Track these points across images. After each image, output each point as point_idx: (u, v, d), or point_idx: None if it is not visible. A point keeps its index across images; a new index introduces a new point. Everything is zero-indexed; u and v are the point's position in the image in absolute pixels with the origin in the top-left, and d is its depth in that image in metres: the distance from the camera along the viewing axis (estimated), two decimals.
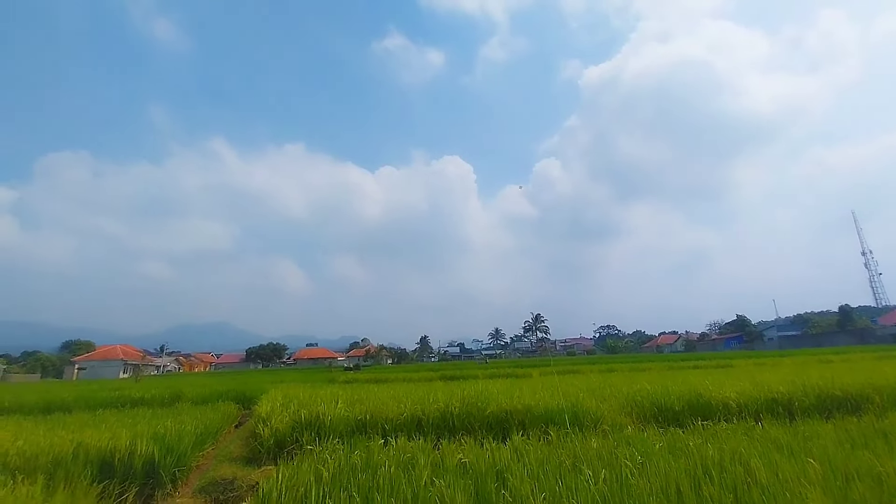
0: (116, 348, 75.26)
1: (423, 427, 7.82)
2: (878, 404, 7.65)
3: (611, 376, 16.99)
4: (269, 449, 7.49)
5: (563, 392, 9.66)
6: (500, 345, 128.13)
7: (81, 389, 20.65)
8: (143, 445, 7.14)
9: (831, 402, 7.96)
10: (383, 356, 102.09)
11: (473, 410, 8.09)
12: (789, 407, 7.94)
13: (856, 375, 9.69)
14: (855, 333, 67.07)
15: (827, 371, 12.01)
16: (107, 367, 67.06)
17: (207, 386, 18.75)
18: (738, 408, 7.91)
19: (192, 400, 14.34)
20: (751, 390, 8.61)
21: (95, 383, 30.78)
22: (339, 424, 7.71)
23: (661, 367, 24.69)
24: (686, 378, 12.92)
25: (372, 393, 11.22)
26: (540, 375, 20.29)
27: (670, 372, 19.23)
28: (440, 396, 9.14)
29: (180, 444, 7.54)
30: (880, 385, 8.29)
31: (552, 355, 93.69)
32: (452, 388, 11.25)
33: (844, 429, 6.17)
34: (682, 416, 7.86)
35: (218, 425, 10.14)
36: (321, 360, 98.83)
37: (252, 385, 18.14)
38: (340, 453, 5.81)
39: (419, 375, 24.85)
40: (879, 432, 5.82)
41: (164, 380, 34.78)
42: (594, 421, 7.48)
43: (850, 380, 8.81)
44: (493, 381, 15.77)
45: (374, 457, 5.58)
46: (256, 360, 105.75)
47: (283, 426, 7.68)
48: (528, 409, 7.92)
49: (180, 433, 7.86)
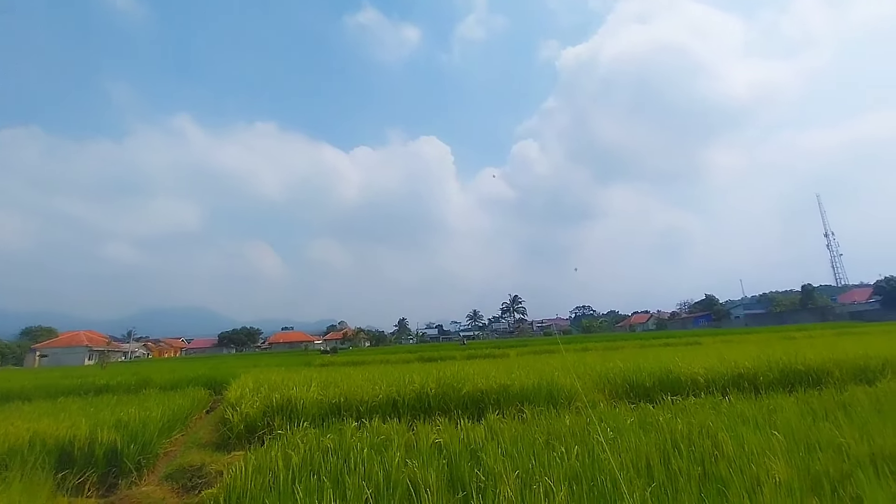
0: (80, 334, 72.67)
1: (398, 408, 7.77)
2: (837, 378, 7.97)
3: (585, 355, 17.32)
4: (238, 434, 7.30)
5: (538, 371, 9.75)
6: (479, 326, 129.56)
7: (42, 377, 19.85)
8: (104, 434, 6.90)
9: (794, 377, 8.25)
10: (361, 339, 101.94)
11: (449, 391, 8.07)
12: (754, 381, 8.19)
13: (817, 351, 10.09)
14: (816, 311, 70.48)
15: (790, 347, 12.49)
16: (70, 353, 64.67)
17: (177, 371, 18.28)
18: (707, 383, 8.12)
19: (160, 386, 13.95)
20: (718, 366, 8.86)
21: (58, 370, 29.69)
22: (312, 408, 7.57)
23: (634, 345, 25.40)
24: (657, 355, 13.25)
25: (348, 376, 11.08)
26: (517, 356, 20.54)
27: (642, 350, 19.76)
28: (416, 378, 9.08)
29: (145, 432, 7.30)
30: (840, 360, 8.64)
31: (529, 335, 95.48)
32: (429, 370, 11.22)
33: (806, 402, 6.41)
34: (653, 392, 8.03)
35: (187, 411, 9.87)
36: (297, 343, 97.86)
37: (224, 370, 17.76)
38: (312, 437, 5.69)
39: (397, 357, 24.87)
40: (840, 404, 6.05)
41: (132, 366, 33.82)
42: (568, 398, 7.56)
43: (812, 355, 9.16)
44: (470, 361, 15.85)
45: (346, 439, 5.49)
46: (230, 344, 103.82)
47: (253, 411, 7.48)
48: (504, 389, 7.94)
49: (145, 420, 7.60)
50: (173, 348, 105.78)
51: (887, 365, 8.27)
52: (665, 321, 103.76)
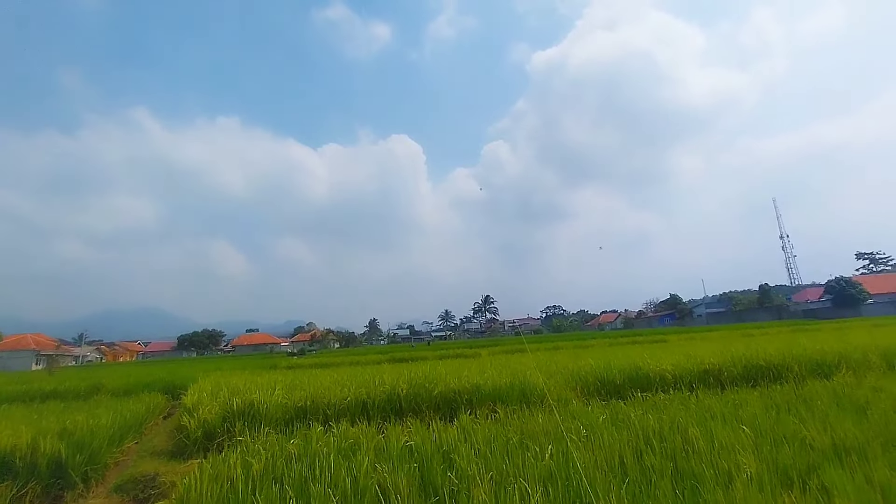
0: (27, 337, 68.22)
1: (368, 411, 7.53)
2: (796, 373, 8.25)
3: (557, 354, 17.47)
4: (196, 441, 6.88)
5: (511, 370, 9.70)
6: (450, 326, 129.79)
7: None
8: (46, 443, 6.40)
9: (756, 372, 8.49)
10: (330, 340, 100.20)
11: (421, 391, 7.90)
12: (719, 377, 8.39)
13: (776, 347, 10.45)
14: (773, 310, 73.89)
15: (751, 343, 12.94)
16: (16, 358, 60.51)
17: (132, 375, 17.36)
18: (674, 379, 8.26)
19: (112, 391, 13.22)
20: (685, 363, 9.04)
21: (1, 376, 27.73)
22: (275, 412, 7.24)
23: (604, 343, 25.88)
24: (626, 353, 13.47)
25: (315, 378, 10.73)
26: (489, 355, 20.53)
27: (611, 348, 20.11)
28: (387, 378, 8.87)
29: (93, 440, 6.83)
30: (798, 355, 8.96)
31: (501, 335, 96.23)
32: (400, 370, 11.02)
33: (769, 396, 6.59)
34: (623, 389, 8.10)
35: (142, 418, 9.32)
36: (262, 346, 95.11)
37: (183, 374, 17.00)
38: (275, 443, 5.39)
39: (367, 359, 24.46)
40: (801, 398, 6.22)
41: (83, 371, 31.94)
42: (541, 397, 7.51)
43: (772, 351, 9.47)
44: (442, 361, 15.71)
45: (312, 445, 5.21)
46: (190, 348, 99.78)
47: (212, 416, 7.08)
48: (477, 388, 7.84)
49: (93, 428, 7.12)
50: (129, 352, 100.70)
51: (842, 360, 8.61)
52: (632, 320, 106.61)
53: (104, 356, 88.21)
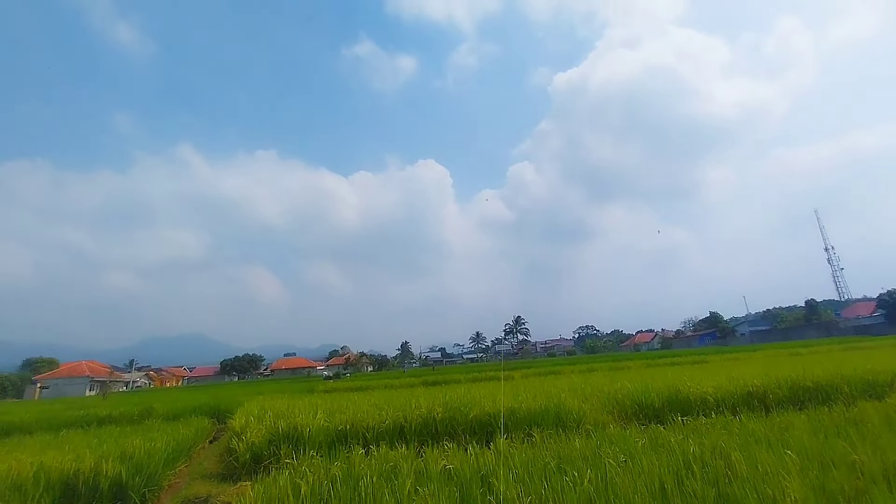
0: (82, 364, 71.97)
1: (405, 434, 7.68)
2: (846, 394, 7.90)
3: (591, 376, 17.14)
4: (244, 464, 7.21)
5: (545, 393, 9.67)
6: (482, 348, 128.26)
7: (43, 409, 19.63)
8: (109, 466, 6.83)
9: (803, 394, 8.18)
10: (364, 363, 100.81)
11: (456, 415, 8.00)
12: (764, 399, 8.12)
13: (824, 367, 10.01)
14: (821, 326, 69.72)
15: (797, 363, 12.40)
16: (72, 384, 63.93)
17: (180, 400, 18.11)
18: (716, 402, 8.04)
19: (163, 416, 13.81)
20: (727, 385, 8.79)
21: (59, 402, 29.33)
22: (318, 435, 7.49)
23: (640, 364, 25.12)
24: (664, 375, 13.13)
25: (352, 401, 10.98)
26: (522, 378, 20.31)
27: (649, 369, 19.55)
28: (422, 402, 9.01)
29: (150, 463, 7.23)
30: (848, 375, 8.58)
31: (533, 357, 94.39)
32: (435, 394, 11.13)
33: (817, 419, 6.34)
34: (663, 413, 7.95)
35: (191, 441, 9.76)
36: (300, 370, 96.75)
37: (227, 398, 17.58)
38: (320, 465, 5.62)
39: (401, 382, 24.60)
40: (850, 421, 5.99)
41: (134, 396, 33.41)
42: (577, 421, 7.48)
43: (820, 371, 9.09)
44: (475, 384, 15.70)
45: (355, 467, 5.41)
46: (232, 372, 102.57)
47: (259, 440, 7.40)
48: (512, 412, 7.87)
49: (150, 451, 7.52)
50: (175, 377, 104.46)
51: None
52: (670, 340, 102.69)
53: (152, 382, 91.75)
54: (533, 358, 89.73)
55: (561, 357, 79.70)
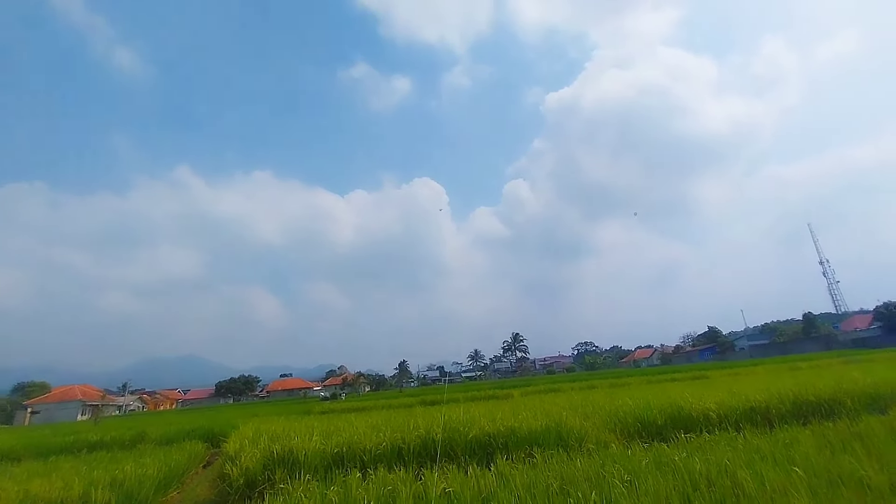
0: (74, 388, 70.56)
1: (403, 456, 7.51)
2: (850, 408, 7.81)
3: (592, 393, 16.95)
4: (238, 490, 6.99)
5: (545, 411, 9.52)
6: (480, 366, 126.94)
7: (33, 435, 19.24)
8: (98, 494, 6.65)
9: (807, 408, 8.09)
10: (361, 384, 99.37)
11: (455, 435, 7.83)
12: (767, 415, 8.02)
13: (826, 381, 9.92)
14: (819, 340, 69.50)
15: (799, 377, 12.31)
16: (63, 409, 62.57)
17: (173, 424, 17.76)
18: (719, 419, 7.93)
19: (156, 440, 13.55)
20: (729, 400, 8.68)
21: (49, 428, 28.67)
22: (314, 458, 7.31)
23: (640, 381, 24.90)
24: (665, 391, 13.00)
25: (349, 423, 10.77)
26: (521, 396, 20.06)
27: (649, 386, 19.37)
28: (421, 422, 8.84)
29: (141, 490, 7.06)
30: (850, 389, 8.50)
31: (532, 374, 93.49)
32: (433, 414, 10.94)
33: (822, 434, 6.24)
34: (665, 430, 7.82)
35: (184, 467, 9.53)
36: (296, 391, 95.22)
37: (222, 421, 17.28)
38: (316, 491, 5.46)
39: (399, 402, 24.26)
40: (856, 436, 5.90)
41: (127, 420, 32.73)
42: (578, 440, 7.34)
43: (822, 385, 9.01)
44: (474, 403, 15.48)
45: (351, 492, 5.26)
46: (227, 394, 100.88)
47: (253, 464, 7.20)
48: (512, 431, 7.72)
49: (141, 478, 7.36)
50: (169, 400, 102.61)
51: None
52: (669, 355, 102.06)
53: (146, 405, 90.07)
54: (532, 375, 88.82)
55: (560, 374, 78.95)
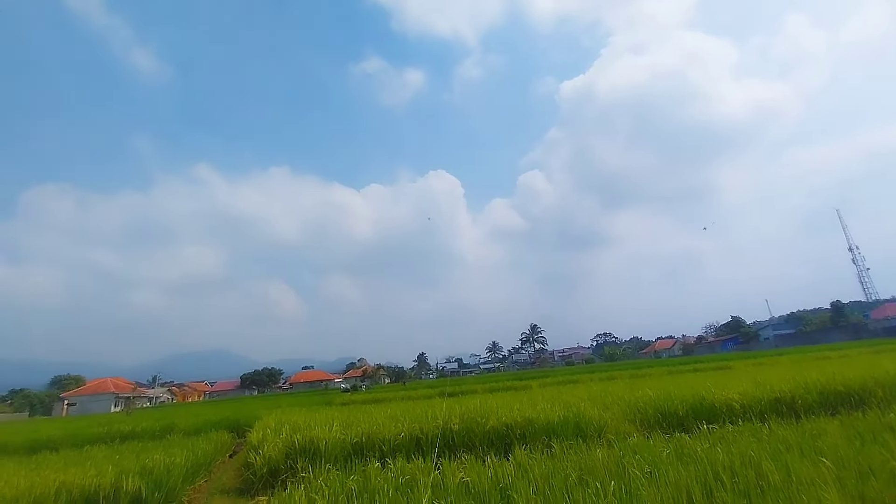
0: (107, 381, 73.38)
1: (422, 446, 7.57)
2: (880, 398, 7.56)
3: (611, 384, 16.79)
4: (262, 478, 7.19)
5: (564, 402, 9.47)
6: (498, 358, 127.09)
7: (70, 426, 20.03)
8: (129, 482, 6.89)
9: (835, 399, 7.85)
10: (381, 376, 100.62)
11: (474, 426, 7.87)
12: (793, 405, 7.82)
13: (855, 370, 9.61)
14: (848, 329, 67.34)
15: (826, 367, 11.95)
16: (97, 401, 65.24)
17: (201, 415, 18.29)
18: (743, 409, 7.76)
19: (184, 431, 13.95)
20: (753, 391, 8.48)
21: (85, 419, 29.89)
22: (334, 448, 7.44)
23: (661, 372, 24.56)
24: (687, 382, 12.79)
25: (369, 414, 10.92)
26: (540, 387, 20.01)
27: (670, 377, 19.09)
28: (439, 413, 8.90)
29: (169, 478, 7.27)
30: (881, 378, 8.21)
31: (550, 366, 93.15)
32: (452, 405, 10.99)
33: (851, 425, 6.05)
34: (687, 421, 7.70)
35: (211, 456, 9.81)
36: (317, 382, 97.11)
37: (246, 412, 17.70)
38: (336, 479, 5.55)
39: (418, 393, 24.47)
40: (886, 426, 5.71)
41: (157, 411, 33.91)
42: (598, 430, 7.29)
43: (851, 375, 8.72)
44: (493, 394, 15.51)
45: (371, 481, 5.33)
46: (252, 386, 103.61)
47: (275, 453, 7.38)
48: (530, 422, 7.71)
49: (170, 466, 7.58)
50: (197, 392, 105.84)
51: None
52: (691, 346, 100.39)
53: (175, 397, 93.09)
54: (550, 367, 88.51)
55: (579, 365, 78.51)
